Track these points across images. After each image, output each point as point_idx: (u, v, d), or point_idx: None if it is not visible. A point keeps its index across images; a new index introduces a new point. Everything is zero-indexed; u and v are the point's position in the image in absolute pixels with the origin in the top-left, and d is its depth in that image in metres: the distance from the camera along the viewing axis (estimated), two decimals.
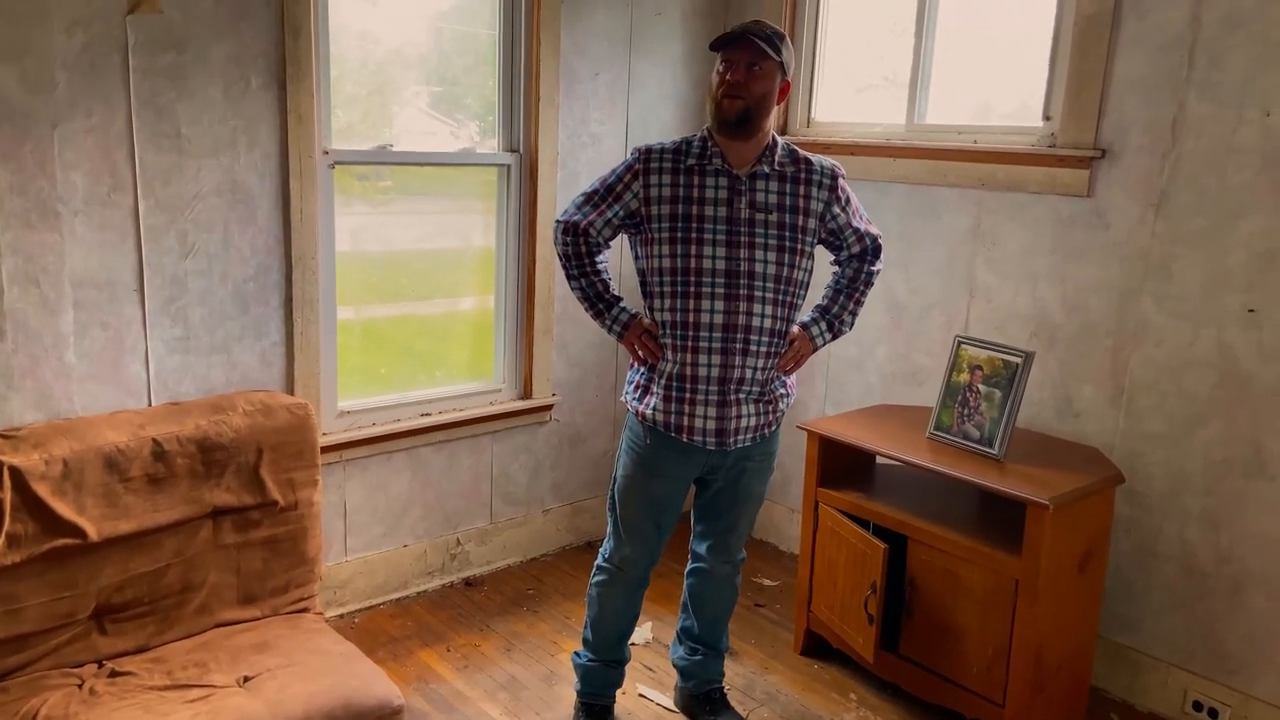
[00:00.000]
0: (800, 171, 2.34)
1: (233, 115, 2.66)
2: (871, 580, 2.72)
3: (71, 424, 2.40)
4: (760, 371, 2.34)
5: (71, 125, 2.41)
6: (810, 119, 3.67)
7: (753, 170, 2.30)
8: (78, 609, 2.28)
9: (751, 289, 2.28)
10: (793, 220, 2.31)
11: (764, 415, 2.40)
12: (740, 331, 2.28)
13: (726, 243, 2.27)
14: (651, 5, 3.58)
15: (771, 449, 2.51)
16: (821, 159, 2.41)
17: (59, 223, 2.43)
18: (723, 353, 2.29)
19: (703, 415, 2.33)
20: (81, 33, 2.39)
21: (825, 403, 3.63)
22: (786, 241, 2.30)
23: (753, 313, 2.28)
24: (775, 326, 2.33)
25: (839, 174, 2.40)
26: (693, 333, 2.30)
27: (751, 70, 2.22)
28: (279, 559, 2.58)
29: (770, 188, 2.31)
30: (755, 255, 2.28)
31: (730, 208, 2.28)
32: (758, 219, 2.28)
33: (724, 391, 2.32)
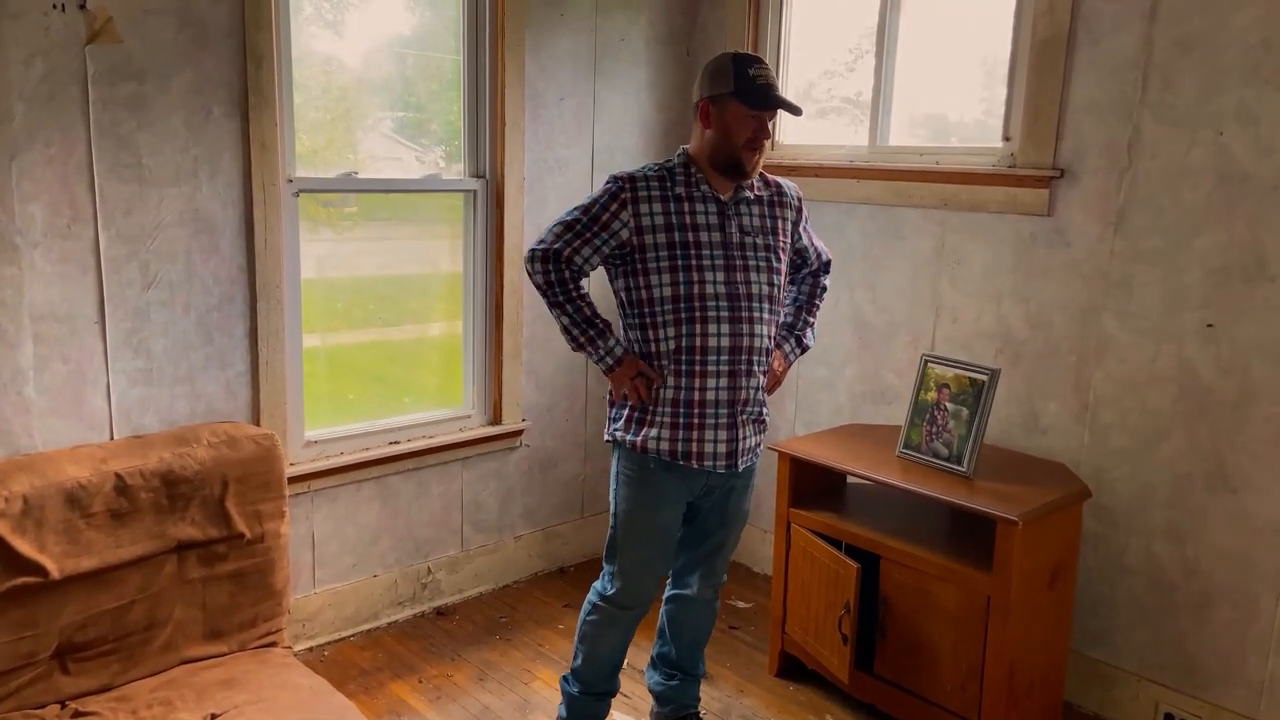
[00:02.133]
0: (774, 195, 2.43)
1: (194, 144, 2.64)
2: (845, 600, 2.72)
3: (31, 460, 2.35)
4: (758, 391, 2.39)
5: (30, 156, 2.38)
6: (775, 141, 3.70)
7: (737, 196, 2.36)
8: (39, 648, 2.23)
9: (752, 310, 2.33)
10: (773, 242, 2.39)
11: (760, 435, 2.46)
12: (745, 353, 2.33)
13: (725, 267, 2.31)
14: (615, 31, 3.60)
15: (755, 466, 2.53)
16: (786, 181, 2.50)
17: (17, 255, 2.39)
18: (730, 375, 2.33)
19: (713, 440, 2.35)
20: (40, 63, 2.36)
21: (795, 423, 3.65)
22: (773, 262, 2.38)
23: (755, 334, 2.34)
24: (769, 346, 2.40)
25: (800, 196, 2.52)
26: (699, 357, 2.30)
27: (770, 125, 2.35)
28: (246, 593, 2.54)
29: (753, 211, 2.38)
30: (750, 278, 2.33)
31: (723, 232, 2.33)
32: (747, 242, 2.34)
33: (733, 414, 2.35)
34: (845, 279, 3.44)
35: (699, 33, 3.81)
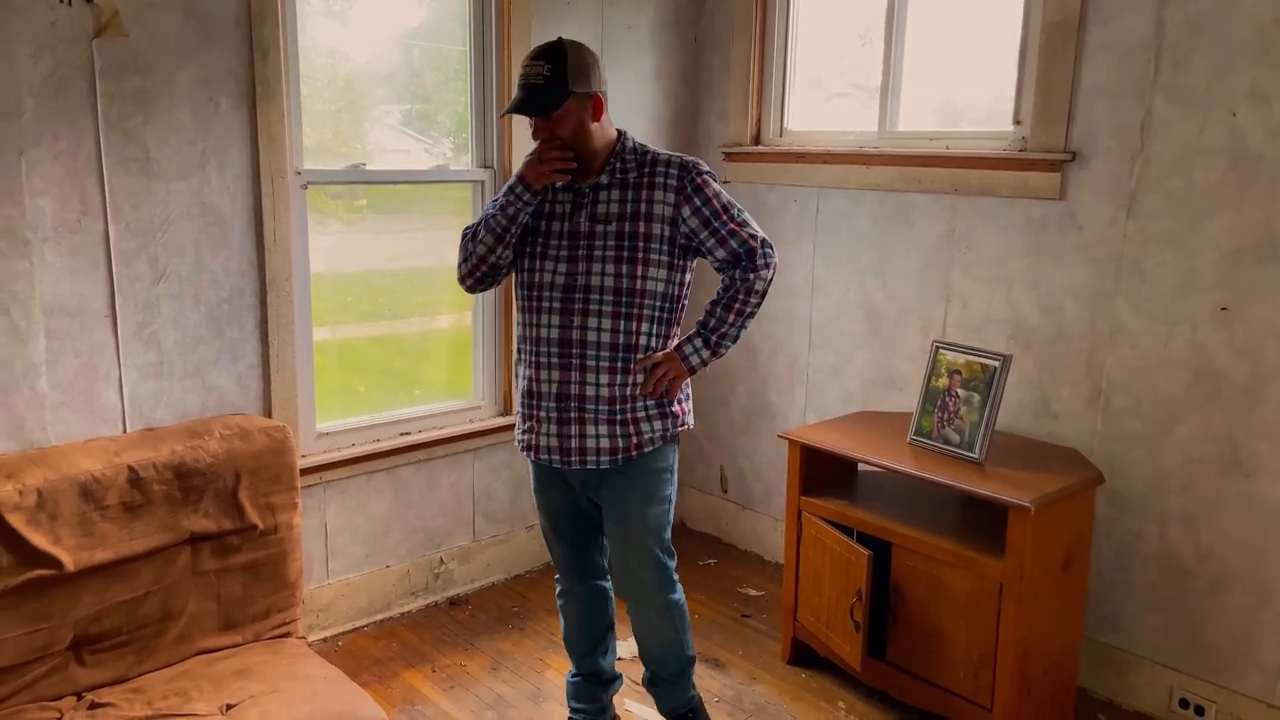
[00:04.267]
0: (644, 176, 2.25)
1: (202, 137, 2.64)
2: (856, 588, 2.71)
3: (45, 453, 2.37)
4: (607, 389, 2.25)
5: (39, 151, 2.38)
6: (783, 129, 3.69)
7: (595, 181, 2.26)
8: (55, 641, 2.24)
9: (587, 303, 2.22)
10: (633, 228, 2.22)
11: (624, 438, 2.28)
12: (575, 346, 2.24)
13: (568, 258, 2.24)
14: (621, 19, 3.59)
15: (651, 468, 2.36)
16: (675, 157, 2.28)
17: (28, 250, 2.40)
18: (561, 368, 2.26)
19: (546, 433, 2.30)
20: (48, 57, 2.36)
21: (806, 410, 3.64)
22: (625, 251, 2.22)
23: (588, 326, 2.22)
24: (618, 340, 2.23)
25: (694, 172, 2.25)
26: (534, 348, 2.29)
27: (551, 119, 2.18)
28: (259, 584, 2.55)
29: (611, 197, 2.25)
30: (593, 268, 2.22)
31: (571, 222, 2.26)
32: (597, 230, 2.23)
33: (563, 409, 2.27)
34: (854, 265, 3.42)
35: (705, 20, 3.79)
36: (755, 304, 2.32)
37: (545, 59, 2.16)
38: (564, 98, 2.16)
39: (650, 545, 2.40)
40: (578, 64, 2.18)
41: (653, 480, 2.37)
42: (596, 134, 2.23)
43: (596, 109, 2.21)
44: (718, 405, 3.97)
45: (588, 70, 2.19)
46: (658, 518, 2.40)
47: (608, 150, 2.26)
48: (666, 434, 2.34)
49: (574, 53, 2.18)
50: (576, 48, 2.20)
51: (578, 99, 2.18)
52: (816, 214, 3.52)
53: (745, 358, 3.83)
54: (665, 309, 2.28)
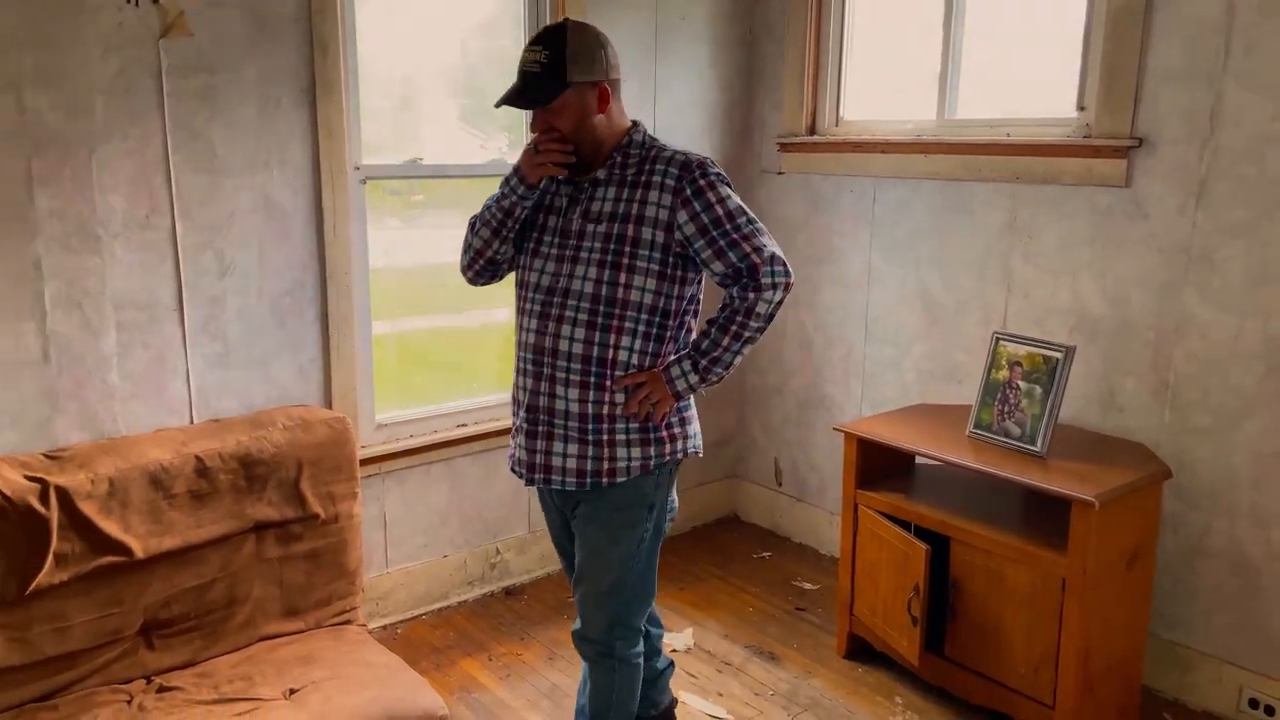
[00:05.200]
0: (641, 174, 2.01)
1: (265, 134, 2.70)
2: (914, 582, 2.68)
3: (116, 443, 2.44)
4: (579, 404, 2.02)
5: (109, 149, 2.45)
6: (839, 118, 3.65)
7: (594, 177, 2.05)
8: (125, 625, 2.31)
9: (565, 309, 2.01)
10: (622, 230, 1.99)
11: (594, 460, 2.04)
12: (547, 355, 2.04)
13: (556, 257, 2.05)
14: (676, 10, 3.57)
15: (621, 501, 2.08)
16: (679, 155, 2.03)
17: (100, 246, 2.47)
18: (534, 377, 2.07)
19: (518, 444, 2.15)
20: (116, 58, 2.43)
21: (862, 403, 3.60)
22: (610, 255, 1.98)
23: (560, 334, 2.02)
24: (594, 354, 2.00)
25: (697, 172, 1.99)
26: (518, 352, 2.13)
27: (549, 110, 1.98)
28: (321, 572, 2.60)
29: (607, 195, 2.02)
30: (575, 271, 2.01)
31: (565, 218, 2.06)
32: (587, 230, 2.02)
33: (532, 420, 2.09)
34: (912, 256, 3.38)
35: (761, 9, 3.76)
36: (756, 329, 2.03)
37: (543, 44, 1.96)
38: (560, 88, 1.95)
39: (604, 591, 2.13)
40: (580, 49, 1.95)
41: (623, 517, 2.09)
42: (601, 126, 2.01)
43: (602, 99, 1.99)
44: (771, 396, 3.94)
45: (591, 56, 1.97)
46: (623, 559, 2.10)
47: (615, 143, 2.05)
48: (648, 463, 2.06)
49: (577, 37, 1.97)
50: (580, 31, 1.99)
51: (578, 89, 1.96)
52: (873, 204, 3.48)
53: (799, 349, 3.80)
54: (653, 323, 2.02)
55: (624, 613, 2.16)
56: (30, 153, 2.33)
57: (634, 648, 2.20)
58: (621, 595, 2.14)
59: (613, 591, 2.14)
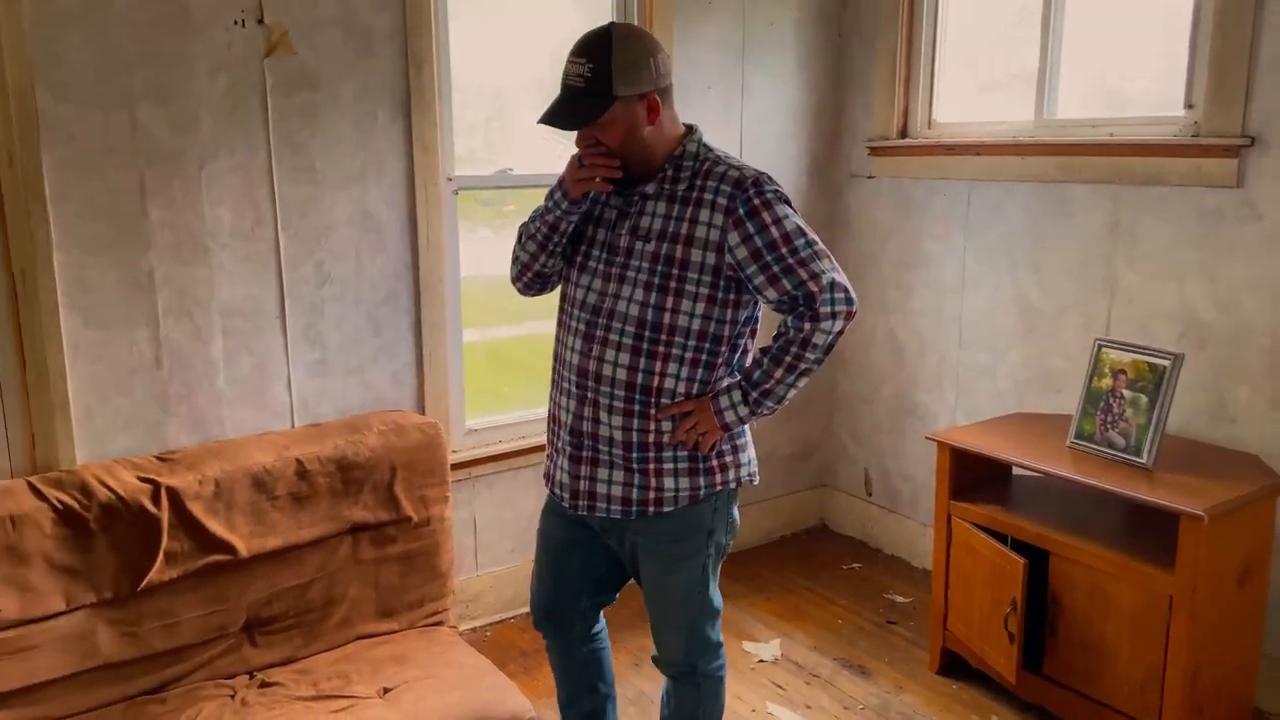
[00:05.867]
0: (693, 189, 1.88)
1: (362, 148, 2.78)
2: (1011, 597, 2.60)
3: (222, 446, 2.53)
4: (623, 432, 1.92)
5: (217, 164, 2.55)
6: (931, 120, 3.58)
7: (644, 190, 1.92)
8: (230, 622, 2.40)
9: (608, 330, 1.90)
10: (670, 251, 1.86)
11: (640, 489, 1.94)
12: (591, 379, 1.93)
13: (602, 274, 1.93)
14: (764, 16, 3.56)
15: (679, 533, 1.99)
16: (733, 171, 1.88)
17: (208, 256, 2.58)
18: (578, 400, 1.96)
19: (560, 466, 2.03)
20: (224, 76, 2.53)
21: (955, 411, 3.52)
22: (658, 278, 1.86)
23: (604, 359, 1.91)
24: (635, 380, 1.89)
25: (751, 191, 1.84)
26: (559, 369, 2.03)
27: (595, 128, 1.86)
28: (414, 574, 2.66)
29: (657, 210, 1.89)
30: (622, 291, 1.89)
31: (613, 232, 1.94)
32: (635, 248, 1.89)
33: (576, 445, 1.98)
34: (1008, 260, 3.29)
35: (850, 12, 3.72)
36: (814, 360, 1.90)
37: (587, 56, 1.83)
38: (606, 104, 1.82)
39: (678, 614, 2.06)
40: (626, 59, 1.82)
41: (681, 548, 2.00)
42: (652, 138, 1.88)
43: (651, 110, 1.86)
44: (861, 404, 3.88)
45: (639, 66, 1.83)
46: (687, 586, 2.03)
47: (668, 151, 1.91)
48: (697, 493, 1.96)
49: (623, 45, 1.82)
50: (626, 38, 1.84)
51: (626, 102, 1.83)
52: (967, 207, 3.40)
53: (890, 355, 3.73)
54: (702, 350, 1.90)
55: (698, 634, 2.08)
56: (143, 168, 2.45)
57: (715, 661, 2.13)
58: (692, 619, 2.07)
59: (683, 618, 2.06)
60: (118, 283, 2.46)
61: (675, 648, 2.09)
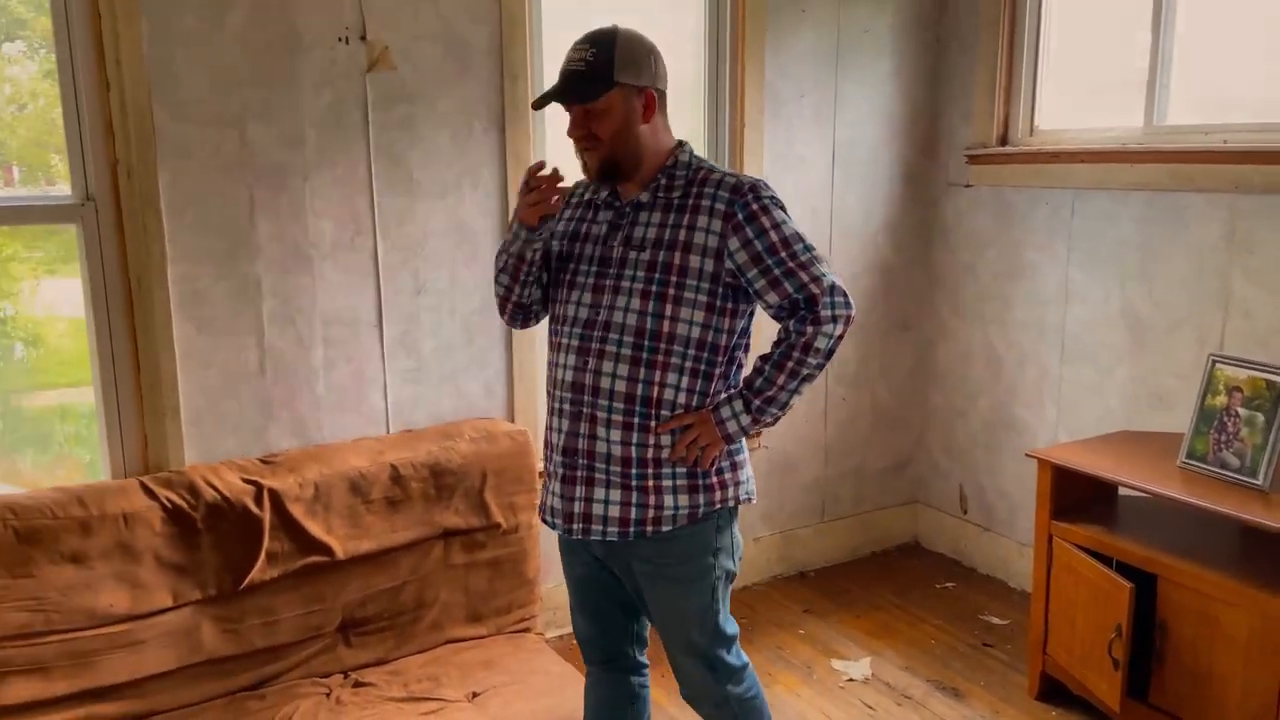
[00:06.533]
0: (689, 197, 1.86)
1: (458, 159, 2.83)
2: (1116, 622, 2.50)
3: (321, 450, 2.61)
4: (621, 447, 1.86)
5: (320, 177, 2.64)
6: (1034, 128, 3.47)
7: (636, 200, 1.90)
8: (326, 622, 2.47)
9: (605, 343, 1.86)
10: (667, 258, 1.84)
11: (638, 508, 1.87)
12: (588, 393, 1.87)
13: (593, 287, 1.89)
14: (858, 23, 3.51)
15: (684, 553, 1.92)
16: (730, 177, 1.87)
17: (311, 266, 2.66)
18: (572, 417, 1.90)
19: (553, 491, 1.95)
20: (328, 91, 2.62)
21: (1057, 428, 3.40)
22: (655, 286, 1.83)
23: (602, 371, 1.86)
24: (635, 391, 1.84)
25: (750, 195, 1.83)
26: (553, 390, 1.95)
27: (590, 113, 1.84)
28: (502, 579, 2.69)
29: (651, 220, 1.87)
30: (617, 302, 1.86)
31: (604, 245, 1.91)
32: (630, 258, 1.87)
33: (570, 464, 1.91)
34: (1115, 272, 3.16)
35: (949, 17, 3.64)
36: (815, 365, 1.86)
37: (590, 44, 1.83)
38: (607, 86, 1.81)
39: (694, 639, 1.97)
40: (629, 52, 1.83)
41: (689, 569, 1.93)
42: (646, 138, 1.87)
43: (648, 106, 1.86)
44: (956, 418, 3.78)
45: (641, 61, 1.84)
46: (700, 608, 1.95)
47: (659, 162, 1.90)
48: (697, 512, 1.90)
49: (626, 39, 1.84)
50: (630, 34, 1.86)
51: (625, 91, 1.82)
52: (1071, 217, 3.28)
53: (987, 368, 3.63)
54: (701, 359, 1.87)
55: (721, 658, 2.00)
56: (252, 182, 2.55)
57: (744, 684, 2.04)
58: (710, 645, 1.98)
59: (701, 644, 1.98)
60: (227, 292, 2.55)
61: (699, 678, 2.00)
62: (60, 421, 2.74)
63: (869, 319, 3.73)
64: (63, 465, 2.70)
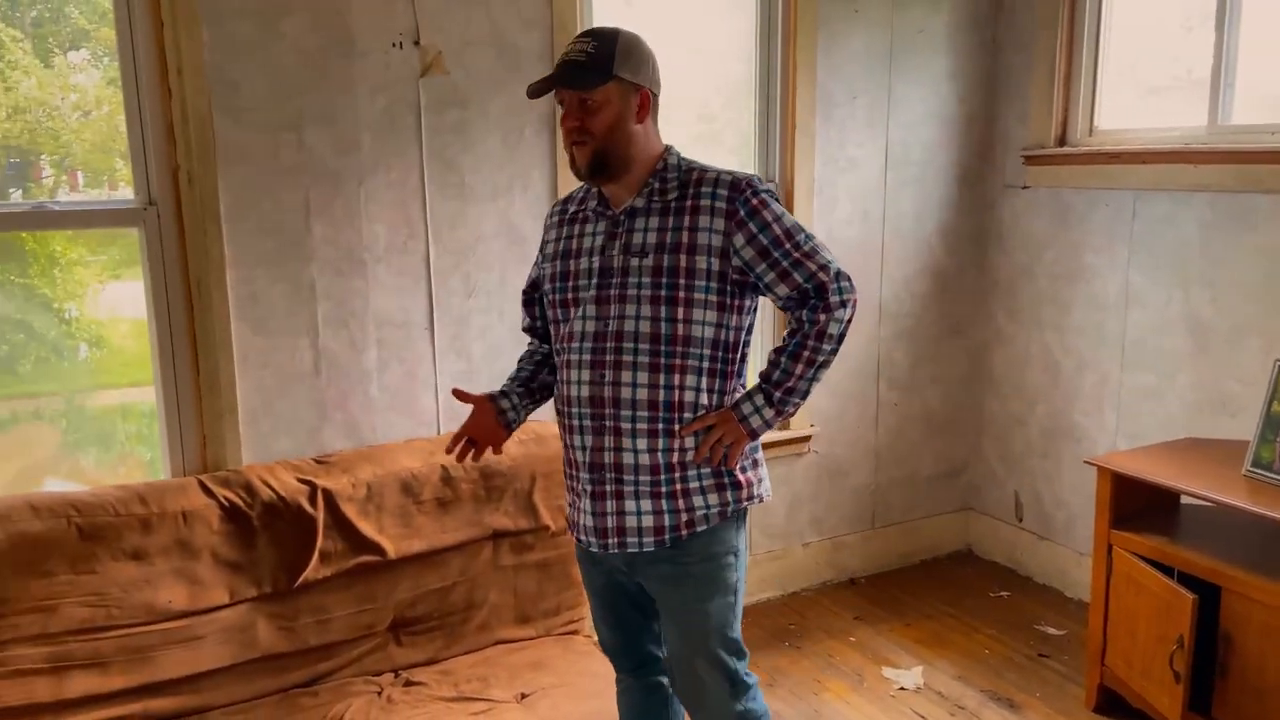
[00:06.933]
0: (685, 198, 1.85)
1: (509, 163, 2.85)
2: (1178, 634, 2.43)
3: (373, 451, 2.64)
4: (649, 455, 1.85)
5: (374, 181, 2.67)
6: (1093, 127, 3.40)
7: (630, 206, 1.87)
8: (377, 621, 2.49)
9: (620, 352, 1.83)
10: (673, 261, 1.82)
11: (671, 514, 1.86)
12: (609, 405, 1.85)
13: (596, 299, 1.86)
14: (913, 23, 3.47)
15: (708, 552, 1.90)
16: (724, 174, 1.86)
17: (365, 270, 2.69)
18: (594, 433, 1.87)
19: (583, 509, 1.92)
20: (382, 97, 2.65)
21: (1117, 435, 3.32)
22: (664, 290, 1.82)
23: (621, 382, 1.83)
24: (659, 398, 1.83)
25: (748, 191, 1.83)
26: (566, 409, 1.92)
27: (585, 106, 1.81)
28: (551, 581, 2.69)
29: (650, 225, 1.85)
30: (626, 310, 1.83)
31: (602, 256, 1.87)
32: (630, 265, 1.84)
33: (597, 480, 1.88)
34: (1178, 275, 3.08)
35: (1005, 17, 3.58)
36: (830, 351, 1.86)
37: (592, 37, 1.83)
38: (605, 78, 1.79)
39: (714, 648, 1.93)
40: (630, 50, 1.82)
41: (712, 568, 1.91)
42: (638, 139, 1.85)
43: (643, 107, 1.85)
44: (1012, 425, 3.71)
45: (640, 60, 1.84)
46: (722, 612, 1.92)
47: (648, 167, 1.87)
48: (726, 509, 1.89)
49: (629, 39, 1.84)
50: (633, 36, 1.86)
51: (622, 85, 1.81)
52: (1132, 219, 3.21)
53: (1045, 373, 3.56)
54: (717, 359, 1.86)
55: (734, 667, 1.94)
56: (308, 186, 2.59)
57: (756, 701, 1.98)
58: (729, 649, 1.93)
59: (721, 648, 1.93)
60: (283, 295, 2.60)
61: (717, 690, 1.93)
62: (122, 421, 2.80)
63: (920, 323, 3.68)
64: (124, 463, 2.77)
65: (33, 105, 2.50)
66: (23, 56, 2.45)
